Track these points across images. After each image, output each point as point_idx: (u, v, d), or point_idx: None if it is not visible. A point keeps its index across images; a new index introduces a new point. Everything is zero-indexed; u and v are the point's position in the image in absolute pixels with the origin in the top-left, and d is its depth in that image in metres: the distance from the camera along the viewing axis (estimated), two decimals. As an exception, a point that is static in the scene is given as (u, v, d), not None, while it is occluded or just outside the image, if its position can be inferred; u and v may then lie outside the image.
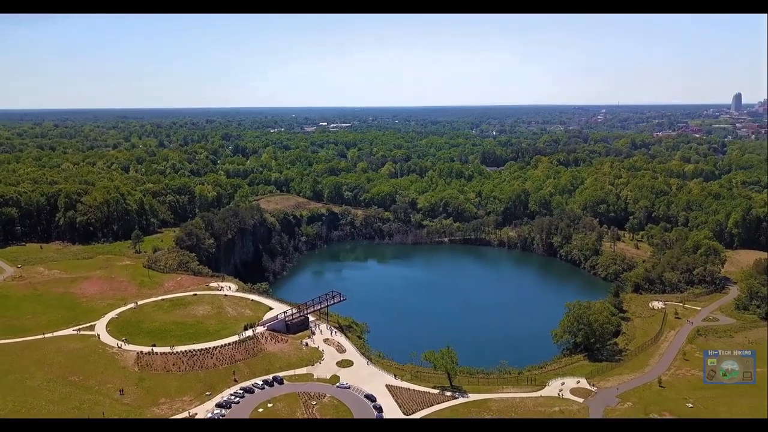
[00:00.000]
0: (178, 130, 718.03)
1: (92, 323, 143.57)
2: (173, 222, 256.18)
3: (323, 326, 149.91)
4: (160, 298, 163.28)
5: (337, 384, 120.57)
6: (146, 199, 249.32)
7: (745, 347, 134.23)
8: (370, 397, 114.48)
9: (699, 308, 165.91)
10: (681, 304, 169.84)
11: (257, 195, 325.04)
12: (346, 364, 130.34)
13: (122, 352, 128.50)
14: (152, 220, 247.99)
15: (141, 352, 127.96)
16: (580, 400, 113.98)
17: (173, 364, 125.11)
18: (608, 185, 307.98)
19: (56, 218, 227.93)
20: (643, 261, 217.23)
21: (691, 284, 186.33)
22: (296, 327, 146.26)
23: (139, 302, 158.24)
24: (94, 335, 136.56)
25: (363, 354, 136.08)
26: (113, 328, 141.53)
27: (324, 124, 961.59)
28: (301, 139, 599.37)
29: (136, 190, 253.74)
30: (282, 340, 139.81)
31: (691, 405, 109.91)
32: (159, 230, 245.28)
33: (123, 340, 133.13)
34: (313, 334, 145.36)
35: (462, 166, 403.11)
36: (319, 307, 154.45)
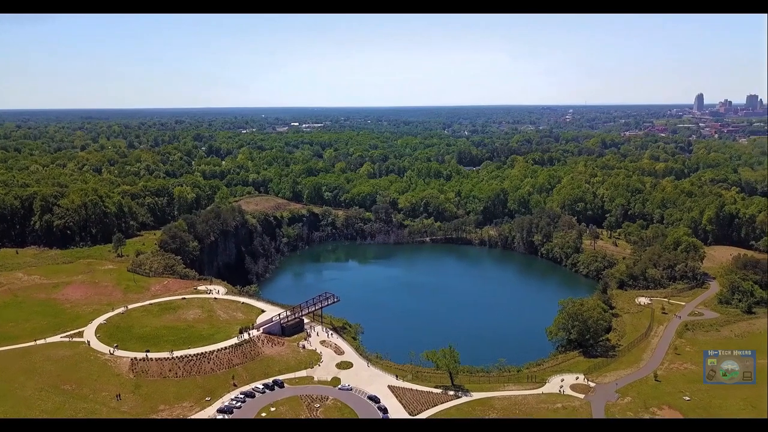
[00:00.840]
0: (147, 131, 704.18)
1: (80, 329, 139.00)
2: (153, 225, 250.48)
3: (318, 328, 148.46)
4: (147, 302, 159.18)
5: (339, 386, 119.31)
6: (125, 201, 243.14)
7: (732, 340, 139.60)
8: (374, 399, 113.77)
9: (683, 303, 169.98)
10: (666, 299, 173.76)
11: (236, 196, 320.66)
12: (345, 365, 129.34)
13: (115, 359, 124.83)
14: (132, 222, 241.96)
15: (135, 358, 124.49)
16: (581, 396, 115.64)
17: (169, 370, 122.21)
18: (585, 184, 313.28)
19: (32, 222, 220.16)
20: (624, 258, 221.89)
21: (673, 280, 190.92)
22: (291, 329, 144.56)
23: (127, 307, 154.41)
24: (84, 342, 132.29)
25: (362, 355, 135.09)
26: (103, 334, 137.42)
27: (296, 124, 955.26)
28: (275, 140, 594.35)
29: (113, 192, 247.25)
30: (278, 342, 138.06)
31: (688, 398, 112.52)
32: (139, 233, 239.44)
33: (114, 347, 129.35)
34: (309, 336, 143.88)
35: (440, 166, 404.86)
36: (313, 308, 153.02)
